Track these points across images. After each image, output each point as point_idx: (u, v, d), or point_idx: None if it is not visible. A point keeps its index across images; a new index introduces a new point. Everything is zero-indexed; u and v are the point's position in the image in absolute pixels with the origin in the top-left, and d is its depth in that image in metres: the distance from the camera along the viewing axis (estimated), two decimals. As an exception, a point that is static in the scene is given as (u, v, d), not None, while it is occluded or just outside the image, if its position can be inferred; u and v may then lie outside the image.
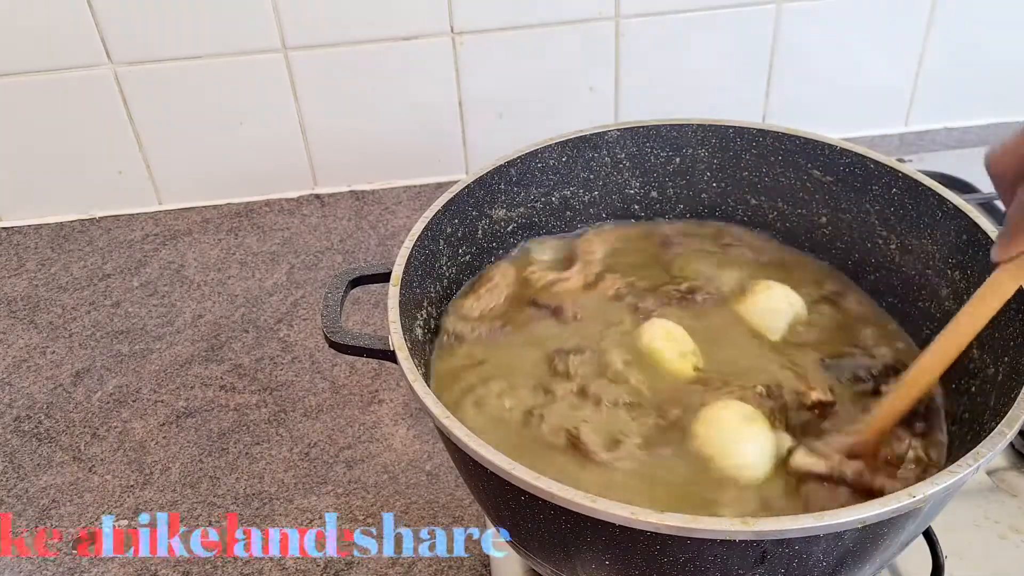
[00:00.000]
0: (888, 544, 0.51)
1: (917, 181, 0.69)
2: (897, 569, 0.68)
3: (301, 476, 0.83)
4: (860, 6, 1.14)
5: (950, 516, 0.69)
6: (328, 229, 1.16)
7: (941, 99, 1.24)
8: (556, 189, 0.78)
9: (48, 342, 1.01)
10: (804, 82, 1.20)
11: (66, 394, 0.94)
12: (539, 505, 0.49)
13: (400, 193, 1.21)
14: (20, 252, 1.15)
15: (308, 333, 0.99)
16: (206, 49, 1.09)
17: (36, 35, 1.06)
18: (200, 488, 0.83)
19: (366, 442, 0.86)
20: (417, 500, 0.80)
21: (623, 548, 0.49)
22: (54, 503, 0.82)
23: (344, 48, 1.11)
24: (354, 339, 0.61)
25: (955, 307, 0.65)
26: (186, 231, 1.17)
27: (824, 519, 0.45)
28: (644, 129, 0.78)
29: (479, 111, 1.17)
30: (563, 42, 1.13)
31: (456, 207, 0.71)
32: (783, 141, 0.76)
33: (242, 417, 0.90)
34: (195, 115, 1.14)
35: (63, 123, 1.13)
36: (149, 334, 1.01)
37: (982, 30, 1.18)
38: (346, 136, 1.18)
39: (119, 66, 1.09)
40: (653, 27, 1.13)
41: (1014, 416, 0.50)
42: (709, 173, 0.79)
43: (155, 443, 0.88)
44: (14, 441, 0.89)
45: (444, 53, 1.12)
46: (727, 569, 0.49)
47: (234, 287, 1.07)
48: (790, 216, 0.78)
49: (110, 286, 1.08)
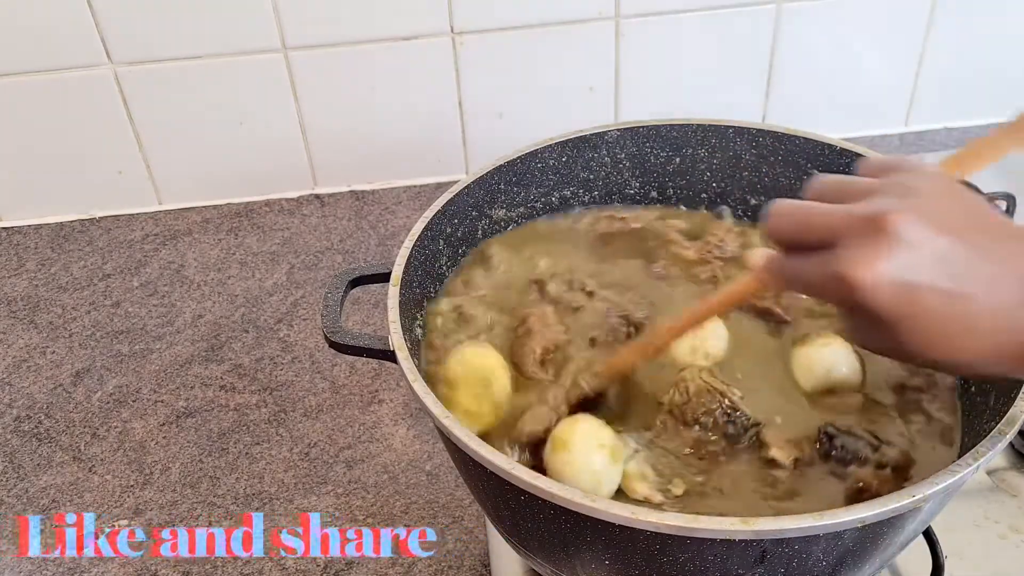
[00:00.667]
0: (888, 544, 0.51)
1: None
2: (897, 569, 0.68)
3: (301, 476, 0.83)
4: (860, 6, 1.14)
5: (950, 516, 0.69)
6: (328, 229, 1.16)
7: (941, 99, 1.24)
8: (556, 189, 0.78)
9: (48, 342, 1.01)
10: (804, 82, 1.20)
11: (66, 394, 0.94)
12: (539, 505, 0.49)
13: (400, 193, 1.21)
14: (20, 252, 1.15)
15: (308, 333, 0.99)
16: (206, 49, 1.09)
17: (36, 35, 1.06)
18: (200, 488, 0.83)
19: (366, 442, 0.86)
20: (417, 500, 0.80)
21: (623, 548, 0.49)
22: (54, 503, 0.82)
23: (344, 48, 1.11)
24: (354, 339, 0.61)
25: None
26: (186, 231, 1.17)
27: (824, 519, 0.45)
28: (644, 129, 0.78)
29: (479, 111, 1.17)
30: (563, 42, 1.13)
31: (456, 207, 0.71)
32: (783, 141, 0.76)
33: (242, 417, 0.90)
34: (195, 115, 1.14)
35: (63, 123, 1.13)
36: (149, 334, 1.01)
37: (982, 30, 1.18)
38: (346, 136, 1.18)
39: (119, 66, 1.09)
40: (653, 27, 1.13)
41: (1014, 416, 0.50)
42: (709, 173, 0.79)
43: (155, 443, 0.88)
44: (14, 441, 0.89)
45: (444, 53, 1.12)
46: (727, 569, 0.49)
47: (234, 287, 1.07)
48: (790, 216, 0.78)
49: (110, 286, 1.08)
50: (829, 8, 1.14)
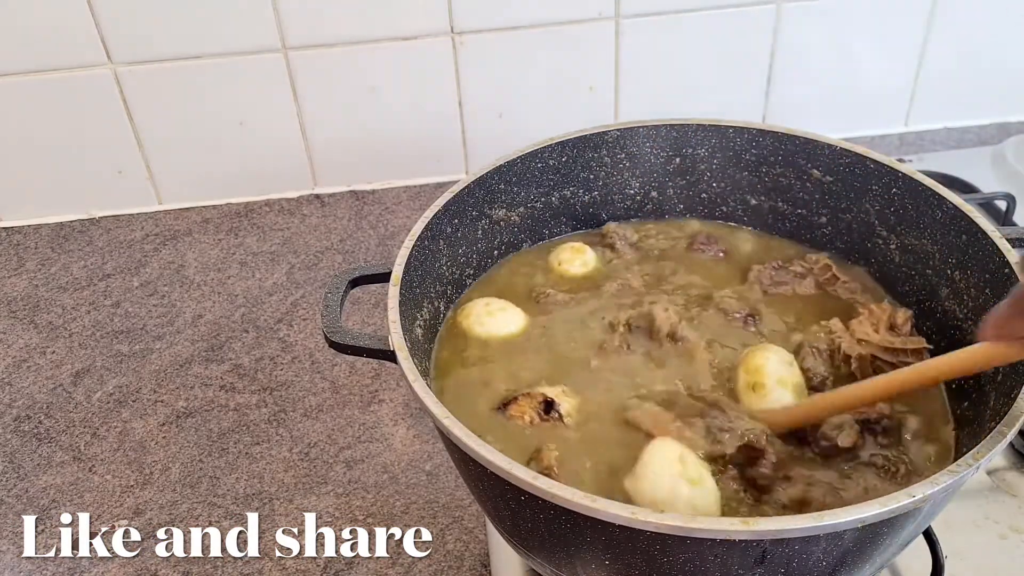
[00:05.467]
0: (888, 544, 0.51)
1: (917, 181, 0.69)
2: (897, 569, 0.68)
3: (301, 476, 0.83)
4: (860, 6, 1.14)
5: (950, 516, 0.69)
6: (328, 229, 1.16)
7: (941, 99, 1.24)
8: (556, 189, 0.78)
9: (48, 342, 1.01)
10: (804, 82, 1.20)
11: (66, 394, 0.94)
12: (539, 505, 0.49)
13: (400, 193, 1.21)
14: (20, 252, 1.15)
15: (308, 333, 0.99)
16: (206, 49, 1.09)
17: (36, 35, 1.06)
18: (200, 488, 0.83)
19: (366, 442, 0.86)
20: (417, 500, 0.80)
21: (623, 548, 0.49)
22: (54, 503, 0.82)
23: (344, 48, 1.11)
24: (354, 339, 0.61)
25: (954, 306, 0.66)
26: (186, 231, 1.17)
27: (824, 519, 0.45)
28: (644, 129, 0.78)
29: (479, 111, 1.17)
30: (563, 42, 1.13)
31: (456, 207, 0.71)
32: (783, 141, 0.76)
33: (242, 417, 0.90)
34: (195, 115, 1.14)
35: (63, 123, 1.13)
36: (149, 334, 1.01)
37: (982, 30, 1.18)
38: (346, 136, 1.18)
39: (119, 66, 1.09)
40: (653, 27, 1.13)
41: (1014, 416, 0.50)
42: (709, 173, 0.79)
43: (155, 443, 0.88)
44: (14, 441, 0.89)
45: (444, 53, 1.12)
46: (727, 569, 0.49)
47: (234, 287, 1.07)
48: (790, 216, 0.78)
49: (110, 286, 1.08)
50: (829, 8, 1.14)
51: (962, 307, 0.65)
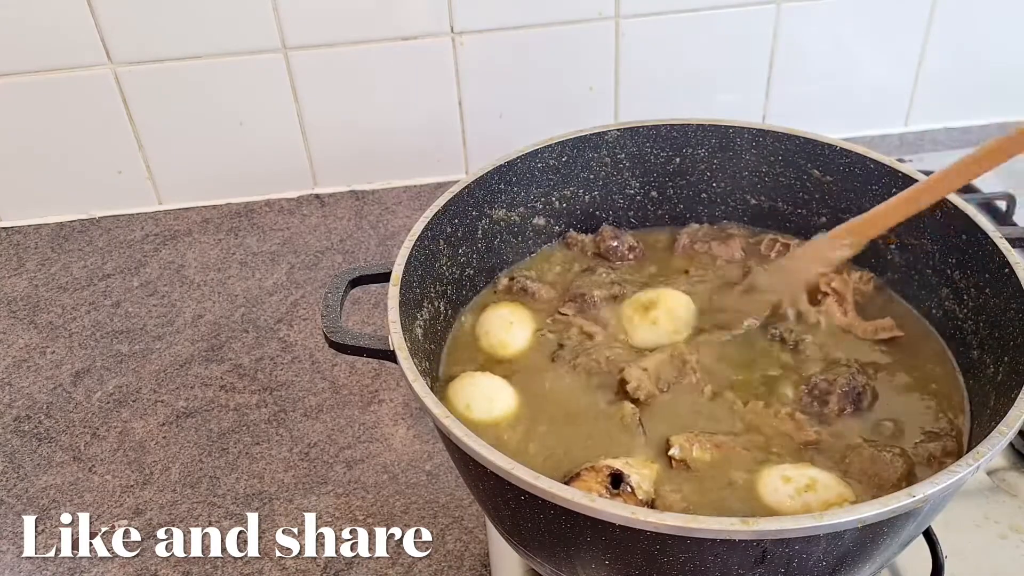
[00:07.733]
0: (888, 544, 0.51)
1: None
2: (897, 569, 0.68)
3: (301, 476, 0.83)
4: (860, 6, 1.14)
5: (950, 516, 0.69)
6: (328, 229, 1.16)
7: (941, 99, 1.24)
8: (556, 189, 0.78)
9: (48, 342, 1.01)
10: (804, 82, 1.20)
11: (66, 394, 0.94)
12: (539, 505, 0.49)
13: (400, 193, 1.21)
14: (20, 252, 1.15)
15: (308, 333, 0.99)
16: (206, 49, 1.09)
17: (36, 35, 1.06)
18: (200, 488, 0.83)
19: (366, 442, 0.86)
20: (417, 500, 0.80)
21: (623, 548, 0.49)
22: (54, 503, 0.82)
23: (344, 48, 1.11)
24: (354, 339, 0.61)
25: (955, 306, 0.66)
26: (186, 231, 1.17)
27: (824, 519, 0.45)
28: (644, 129, 0.78)
29: (479, 111, 1.17)
30: (563, 42, 1.13)
31: (456, 207, 0.71)
32: (783, 141, 0.76)
33: (242, 417, 0.90)
34: (195, 115, 1.14)
35: (63, 123, 1.13)
36: (149, 334, 1.01)
37: (982, 30, 1.18)
38: (346, 136, 1.18)
39: (119, 66, 1.09)
40: (653, 27, 1.13)
41: (1014, 416, 0.50)
42: (709, 173, 0.79)
43: (155, 443, 0.88)
44: (14, 441, 0.89)
45: (444, 53, 1.12)
46: (727, 569, 0.49)
47: (234, 287, 1.07)
48: (790, 216, 0.78)
49: (110, 286, 1.08)
50: (829, 8, 1.14)
51: (962, 307, 0.65)
